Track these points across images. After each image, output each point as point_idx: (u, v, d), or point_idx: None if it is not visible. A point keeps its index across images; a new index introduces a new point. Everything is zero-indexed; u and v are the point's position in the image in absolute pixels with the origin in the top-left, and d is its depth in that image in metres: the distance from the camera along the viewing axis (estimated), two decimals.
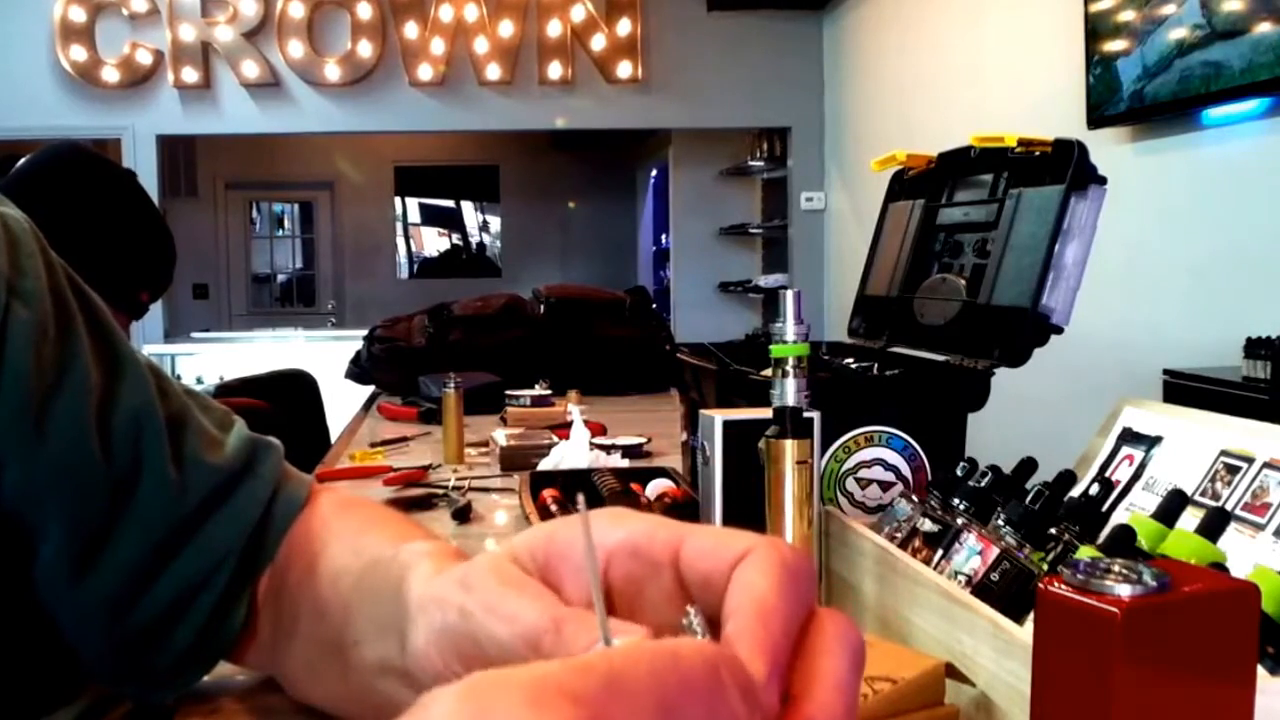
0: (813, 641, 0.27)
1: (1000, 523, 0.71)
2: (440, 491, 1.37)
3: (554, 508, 1.14)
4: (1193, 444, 0.73)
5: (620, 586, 0.32)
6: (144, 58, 5.08)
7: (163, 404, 0.58)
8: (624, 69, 5.28)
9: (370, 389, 2.50)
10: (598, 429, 1.63)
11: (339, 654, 0.51)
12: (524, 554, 0.36)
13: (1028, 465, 0.80)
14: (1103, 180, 0.92)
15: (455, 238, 8.83)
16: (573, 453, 1.40)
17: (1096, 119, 2.97)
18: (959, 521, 0.74)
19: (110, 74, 5.07)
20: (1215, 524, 0.61)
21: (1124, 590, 0.36)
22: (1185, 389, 2.30)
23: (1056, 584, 0.38)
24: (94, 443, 0.54)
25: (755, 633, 0.26)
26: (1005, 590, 0.66)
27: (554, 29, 5.24)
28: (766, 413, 0.72)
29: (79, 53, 5.04)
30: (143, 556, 0.55)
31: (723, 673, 0.22)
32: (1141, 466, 0.77)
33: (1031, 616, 0.43)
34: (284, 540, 0.59)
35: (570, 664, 0.20)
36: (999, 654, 0.55)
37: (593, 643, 0.31)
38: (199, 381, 4.07)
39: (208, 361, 5.07)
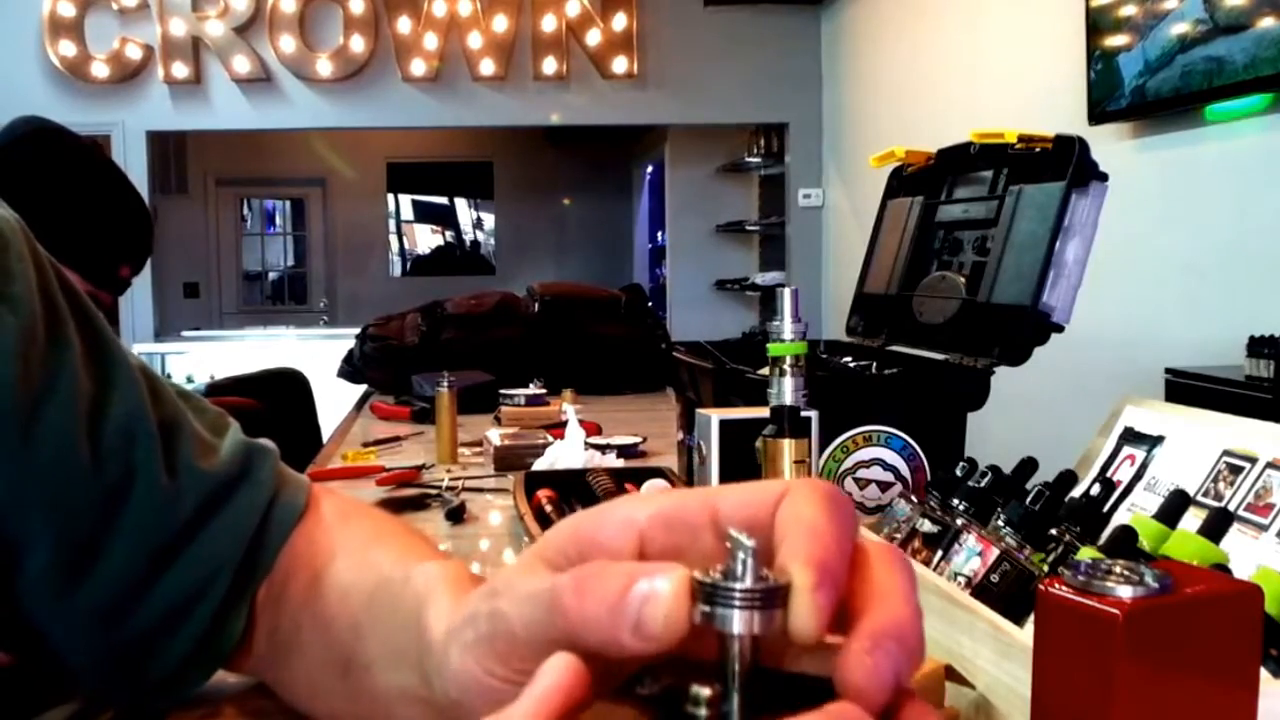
0: (868, 562, 0.29)
1: (1000, 523, 0.70)
2: (434, 492, 1.36)
3: (549, 508, 1.13)
4: (1195, 444, 0.73)
5: (659, 559, 0.32)
6: (134, 53, 5.06)
7: (155, 409, 0.57)
8: (620, 64, 5.27)
9: (363, 388, 2.49)
10: (593, 428, 1.62)
11: (347, 673, 0.50)
12: (553, 551, 0.36)
13: (1028, 465, 0.79)
14: (1104, 177, 0.92)
15: (449, 235, 8.81)
16: (567, 453, 1.39)
17: (1098, 115, 2.96)
18: (958, 522, 0.73)
19: (100, 69, 5.05)
20: (1218, 525, 0.61)
21: (1125, 592, 0.36)
22: (1187, 388, 2.30)
23: (1057, 585, 0.37)
24: (83, 452, 0.53)
25: (808, 547, 0.27)
26: (1005, 592, 0.65)
27: (549, 24, 5.22)
28: (763, 412, 0.72)
29: (68, 48, 5.02)
30: (136, 567, 0.54)
31: None
32: (1143, 466, 0.76)
33: (1032, 618, 0.43)
34: (284, 549, 0.58)
35: None
36: (999, 656, 0.55)
37: (625, 587, 0.29)
38: (189, 380, 4.06)
39: (198, 360, 5.06)
